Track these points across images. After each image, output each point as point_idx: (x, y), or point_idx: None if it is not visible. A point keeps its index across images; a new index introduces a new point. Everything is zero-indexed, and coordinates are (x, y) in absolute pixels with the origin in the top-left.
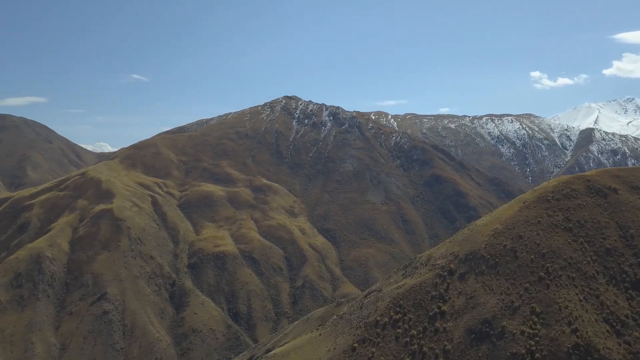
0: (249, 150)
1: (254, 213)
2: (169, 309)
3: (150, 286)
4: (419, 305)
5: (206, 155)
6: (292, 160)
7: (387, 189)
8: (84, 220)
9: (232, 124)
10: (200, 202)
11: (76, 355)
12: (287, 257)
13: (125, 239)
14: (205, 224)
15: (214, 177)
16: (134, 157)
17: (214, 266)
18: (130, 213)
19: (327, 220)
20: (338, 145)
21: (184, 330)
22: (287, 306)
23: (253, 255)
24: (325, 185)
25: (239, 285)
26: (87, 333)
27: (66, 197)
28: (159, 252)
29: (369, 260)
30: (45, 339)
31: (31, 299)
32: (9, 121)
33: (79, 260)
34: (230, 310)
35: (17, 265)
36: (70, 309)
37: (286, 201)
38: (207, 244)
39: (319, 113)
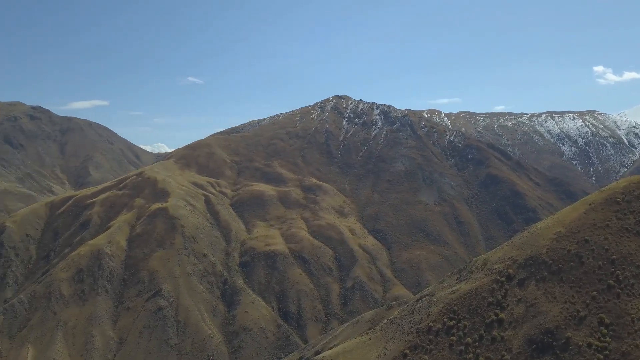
0: (299, 150)
1: (304, 212)
2: (221, 307)
3: (203, 284)
4: (474, 311)
5: (258, 155)
6: (342, 159)
7: (441, 189)
8: (141, 219)
9: (283, 124)
10: (251, 201)
11: (133, 350)
12: (337, 257)
13: (180, 237)
14: (257, 223)
15: (265, 176)
16: (189, 157)
17: (265, 265)
18: (184, 212)
19: (377, 220)
20: (389, 144)
21: (235, 328)
22: (337, 307)
23: (303, 255)
24: (375, 185)
25: (289, 284)
26: (143, 328)
27: (124, 196)
28: (211, 251)
29: (421, 263)
30: (104, 333)
31: (91, 293)
32: (74, 123)
33: (135, 257)
34: (281, 309)
35: (79, 261)
36: (127, 304)
37: (336, 201)
38: (258, 243)
39: (370, 112)
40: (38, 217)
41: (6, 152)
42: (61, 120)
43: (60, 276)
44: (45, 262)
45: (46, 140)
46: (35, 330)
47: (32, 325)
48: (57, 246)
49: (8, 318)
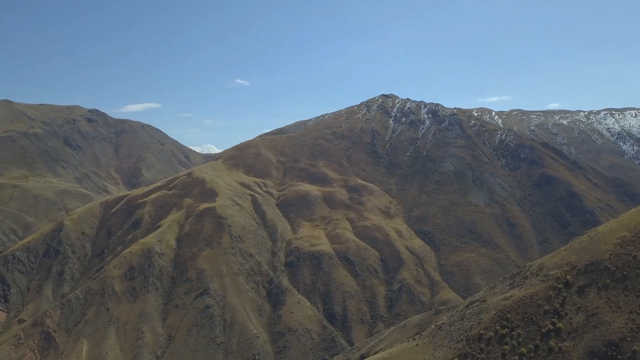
0: (344, 150)
1: (349, 213)
2: (267, 307)
3: (249, 283)
4: (529, 320)
5: (303, 155)
6: (389, 159)
7: (491, 190)
8: (190, 218)
9: (329, 124)
10: (297, 202)
11: (181, 347)
12: (382, 259)
13: (227, 236)
14: (302, 223)
15: (311, 177)
16: (236, 157)
17: (310, 265)
18: (231, 211)
19: (425, 222)
20: (437, 143)
21: (280, 328)
22: (383, 309)
23: (348, 256)
24: (423, 186)
25: (334, 285)
26: (191, 326)
27: (174, 196)
28: (257, 250)
29: (470, 266)
30: (154, 329)
31: (142, 290)
32: (128, 126)
33: (184, 256)
34: (326, 310)
35: (130, 258)
36: (175, 302)
37: (382, 202)
38: (304, 243)
39: (417, 111)
40: (93, 216)
41: (66, 153)
42: (116, 123)
43: (113, 273)
44: (99, 259)
45: (102, 141)
46: (90, 325)
47: (86, 320)
48: (111, 244)
49: (65, 312)
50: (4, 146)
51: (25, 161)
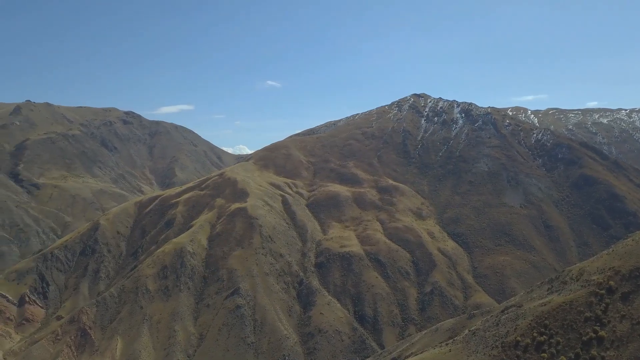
0: (375, 150)
1: (380, 214)
2: (297, 307)
3: (279, 283)
4: (569, 327)
5: (333, 156)
6: (420, 160)
7: (527, 191)
8: (221, 218)
9: (359, 124)
10: (327, 202)
11: (212, 346)
12: (414, 261)
13: (257, 236)
14: (332, 224)
15: (341, 177)
16: (267, 158)
17: (340, 267)
18: (262, 212)
19: (458, 223)
20: (470, 143)
21: (310, 329)
22: (414, 312)
23: (379, 258)
24: (456, 187)
25: (364, 287)
26: (222, 325)
27: (206, 196)
28: (288, 250)
29: (505, 269)
30: (185, 328)
31: (174, 290)
32: (162, 127)
33: (215, 256)
34: (356, 312)
35: (163, 258)
36: (207, 301)
37: (413, 203)
38: (334, 244)
39: (450, 110)
40: (128, 216)
41: (102, 154)
42: (150, 124)
43: (147, 272)
44: (133, 258)
45: (137, 143)
46: (124, 322)
47: (121, 318)
48: (144, 243)
49: (100, 310)
50: (44, 147)
51: (64, 162)
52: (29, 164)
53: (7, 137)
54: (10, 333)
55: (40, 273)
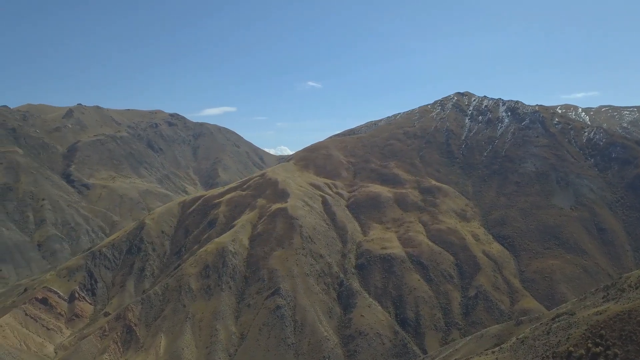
0: (417, 150)
1: (422, 215)
2: (337, 309)
3: (320, 284)
4: (627, 338)
5: (374, 156)
6: (464, 160)
7: (578, 192)
8: (262, 218)
9: (400, 124)
10: (367, 203)
11: (252, 346)
12: (458, 264)
13: (298, 237)
14: (373, 225)
15: (382, 177)
16: (307, 159)
17: (381, 269)
18: (302, 212)
19: (504, 226)
20: (517, 143)
21: (350, 331)
22: (458, 316)
23: (421, 260)
24: (501, 187)
25: (406, 290)
26: (262, 325)
27: (248, 196)
28: (328, 251)
29: (554, 273)
30: (227, 328)
31: (216, 289)
32: (206, 129)
33: (256, 256)
34: (398, 315)
35: (205, 257)
36: (248, 301)
37: (457, 204)
38: (374, 246)
39: (495, 109)
40: (172, 215)
41: (148, 155)
42: (194, 126)
43: (190, 271)
44: (177, 257)
45: (182, 144)
46: (168, 320)
47: (164, 315)
48: (188, 242)
49: (145, 308)
50: (94, 149)
51: (112, 163)
52: (80, 165)
53: (60, 139)
54: (61, 328)
55: (89, 270)
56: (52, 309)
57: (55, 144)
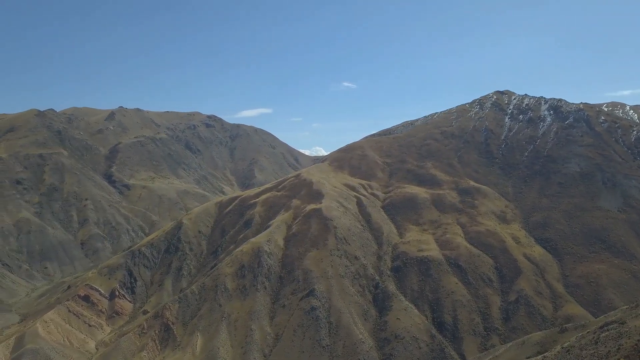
0: (455, 150)
1: (460, 217)
2: (372, 311)
3: (355, 286)
4: None
5: (410, 156)
6: (504, 160)
7: (626, 194)
8: (297, 219)
9: (438, 124)
10: (403, 204)
11: (287, 347)
12: (497, 267)
13: (332, 238)
14: (409, 227)
15: (418, 178)
16: (342, 159)
17: (417, 271)
18: (337, 213)
19: (546, 228)
20: (560, 142)
21: (386, 334)
22: (497, 321)
23: (459, 263)
24: (543, 189)
25: (443, 293)
26: (297, 326)
27: (283, 197)
28: (363, 253)
29: (600, 278)
30: (262, 328)
31: (251, 289)
32: (242, 130)
33: (291, 256)
34: (435, 319)
35: (241, 257)
36: (282, 301)
37: (496, 205)
38: (411, 248)
39: (537, 107)
40: (209, 215)
41: (186, 156)
42: (231, 127)
43: (226, 271)
44: (213, 256)
45: (219, 145)
46: (204, 319)
47: (201, 314)
48: (224, 242)
49: (182, 306)
50: (134, 150)
51: (152, 164)
52: (121, 166)
53: (103, 141)
54: (102, 325)
55: (129, 269)
56: (93, 306)
57: (98, 146)
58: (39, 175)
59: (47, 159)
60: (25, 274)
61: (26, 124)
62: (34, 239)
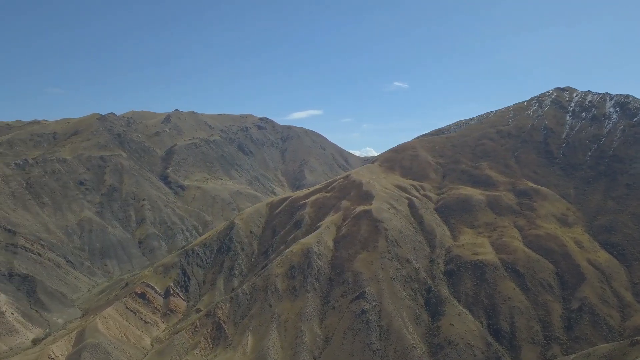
0: (511, 150)
1: (518, 220)
2: (424, 316)
3: (406, 290)
4: None
5: (464, 157)
6: (565, 160)
7: None
8: (346, 220)
9: (493, 122)
10: (457, 206)
11: (337, 349)
12: (558, 273)
13: (383, 240)
14: (463, 230)
15: (472, 179)
16: (393, 160)
17: (472, 276)
18: (387, 215)
19: (612, 232)
20: (627, 141)
21: (439, 340)
22: (558, 330)
23: (517, 268)
24: (609, 190)
25: (500, 299)
26: (347, 329)
27: (332, 198)
28: (414, 256)
29: None
30: (312, 329)
31: (301, 290)
32: (293, 132)
33: (341, 258)
34: (490, 325)
35: (291, 258)
36: (332, 303)
37: (557, 208)
38: (465, 251)
39: (601, 104)
40: (260, 216)
41: (239, 158)
42: (282, 129)
43: (276, 271)
44: (264, 256)
45: (270, 147)
46: (254, 319)
47: (252, 314)
48: (275, 243)
49: (234, 306)
50: (189, 152)
51: (205, 165)
52: (176, 167)
53: (159, 143)
54: (157, 322)
55: (183, 268)
56: (149, 303)
57: (155, 148)
58: (100, 176)
59: (107, 160)
60: (87, 270)
61: (89, 127)
62: (95, 237)
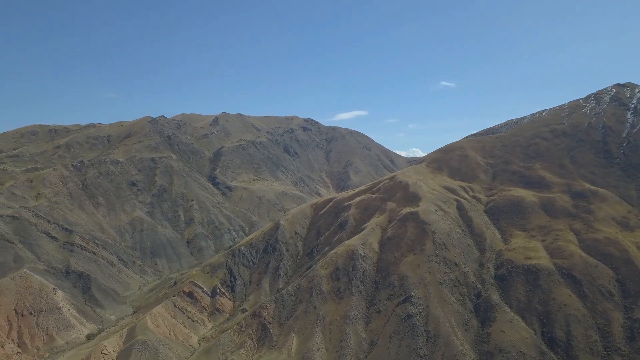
0: (566, 150)
1: (574, 223)
2: (473, 322)
3: (454, 294)
4: None
5: (516, 157)
6: (626, 160)
7: None
8: (392, 222)
9: (547, 121)
10: (508, 208)
11: (382, 354)
12: (619, 279)
13: (430, 243)
14: (515, 233)
15: (524, 180)
16: (440, 160)
17: (524, 281)
18: (435, 217)
19: None
20: None
21: (489, 347)
22: (620, 341)
23: (573, 273)
24: None
25: (554, 306)
26: (393, 333)
27: (377, 199)
28: (463, 260)
29: None
30: (357, 332)
31: (346, 292)
32: (338, 132)
33: (386, 260)
34: (544, 333)
35: (336, 259)
36: (378, 307)
37: (617, 210)
38: (517, 255)
39: None
40: (305, 217)
41: (285, 159)
42: (327, 130)
43: (320, 273)
44: (309, 258)
45: (315, 148)
46: (299, 321)
47: (296, 315)
48: (319, 244)
49: (279, 306)
50: (237, 154)
51: (252, 166)
52: (224, 169)
53: (207, 145)
54: (204, 321)
55: (229, 268)
56: (196, 302)
57: (203, 149)
58: (150, 178)
59: (158, 162)
60: (138, 269)
61: (141, 130)
62: (146, 236)
